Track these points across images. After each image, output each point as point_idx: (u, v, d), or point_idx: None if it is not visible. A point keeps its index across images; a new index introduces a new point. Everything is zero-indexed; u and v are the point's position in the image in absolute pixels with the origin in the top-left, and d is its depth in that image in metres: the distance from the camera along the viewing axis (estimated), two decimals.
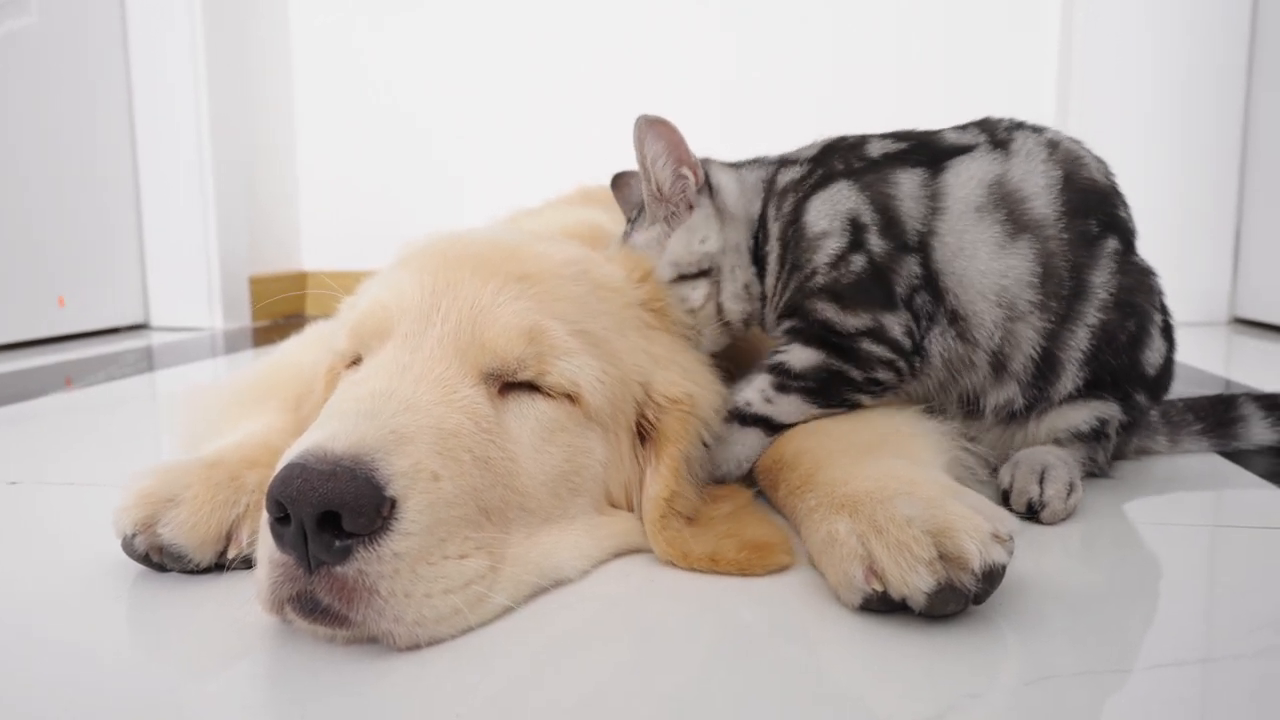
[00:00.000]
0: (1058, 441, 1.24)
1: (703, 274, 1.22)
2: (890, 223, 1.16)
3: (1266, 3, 3.03)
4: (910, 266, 1.15)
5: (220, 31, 3.44)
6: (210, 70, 3.39)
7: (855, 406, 1.17)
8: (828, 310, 1.16)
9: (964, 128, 1.26)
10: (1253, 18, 3.09)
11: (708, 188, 1.24)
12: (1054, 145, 1.22)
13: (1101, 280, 1.18)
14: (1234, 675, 0.74)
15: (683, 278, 1.22)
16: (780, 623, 0.86)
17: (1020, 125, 1.25)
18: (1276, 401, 1.48)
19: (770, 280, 1.22)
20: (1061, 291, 1.16)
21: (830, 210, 1.18)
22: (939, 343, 1.18)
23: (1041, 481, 1.14)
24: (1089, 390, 1.21)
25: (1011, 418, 1.24)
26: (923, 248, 1.16)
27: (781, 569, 0.96)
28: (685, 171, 1.22)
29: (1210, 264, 3.25)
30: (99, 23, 3.28)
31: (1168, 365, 1.27)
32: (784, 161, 1.29)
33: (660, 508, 0.99)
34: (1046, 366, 1.19)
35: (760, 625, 0.85)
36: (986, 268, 1.15)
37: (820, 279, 1.16)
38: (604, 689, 0.74)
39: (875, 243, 1.15)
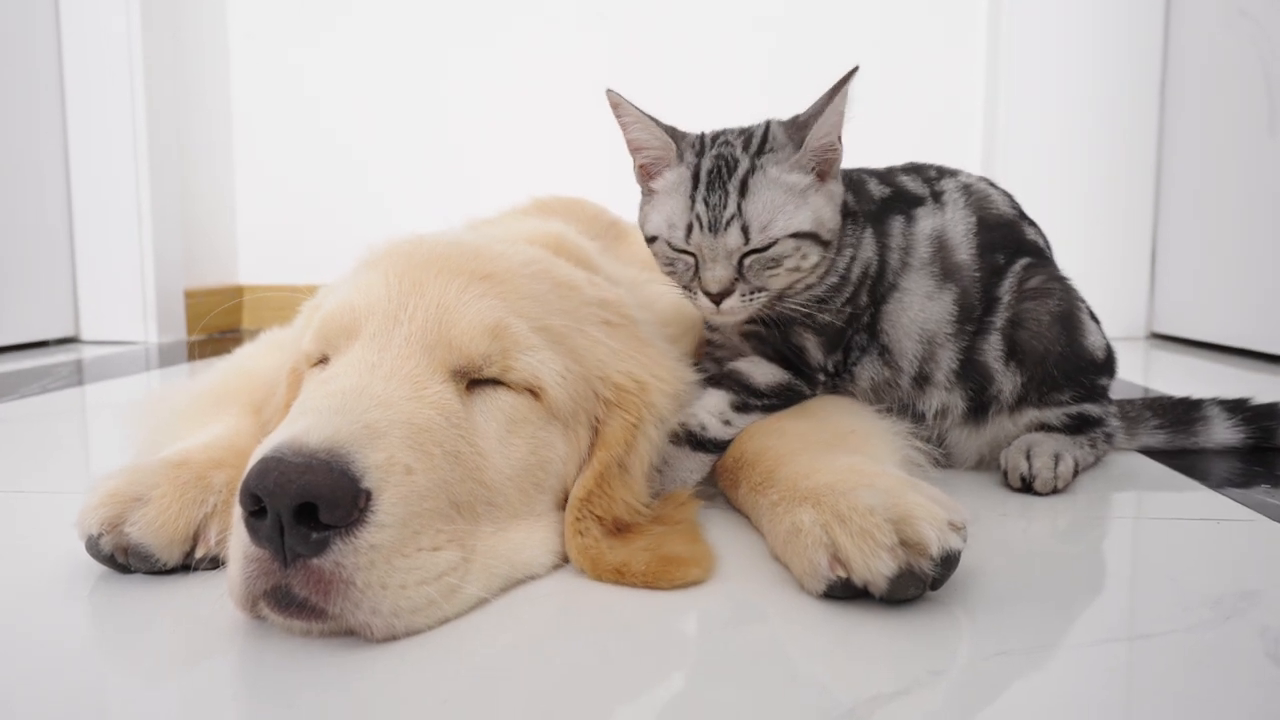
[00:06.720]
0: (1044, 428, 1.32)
1: (825, 244, 1.16)
2: (879, 279, 1.24)
3: (1177, 29, 3.20)
4: (863, 318, 1.25)
5: (158, 48, 3.37)
6: (148, 81, 3.32)
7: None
8: (810, 343, 1.21)
9: (907, 172, 1.34)
10: (1164, 43, 3.26)
11: None
12: (967, 190, 1.32)
13: (1008, 286, 1.28)
14: (1173, 647, 0.79)
15: (806, 236, 1.13)
16: (747, 612, 0.88)
17: (943, 172, 1.35)
18: (1241, 405, 1.50)
19: (841, 293, 1.21)
20: (974, 314, 1.27)
21: (864, 257, 1.22)
22: (870, 368, 1.28)
23: (1029, 457, 1.25)
24: (1047, 395, 1.29)
25: (967, 418, 1.32)
26: (880, 301, 1.25)
27: (691, 584, 0.93)
28: (839, 146, 1.15)
29: (1128, 281, 3.39)
30: (32, 26, 3.19)
31: (1110, 350, 1.35)
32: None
33: (575, 509, 0.97)
34: (968, 370, 1.29)
35: (728, 615, 0.88)
36: (915, 315, 1.26)
37: (833, 308, 1.20)
38: (580, 676, 0.75)
39: (864, 299, 1.23)
